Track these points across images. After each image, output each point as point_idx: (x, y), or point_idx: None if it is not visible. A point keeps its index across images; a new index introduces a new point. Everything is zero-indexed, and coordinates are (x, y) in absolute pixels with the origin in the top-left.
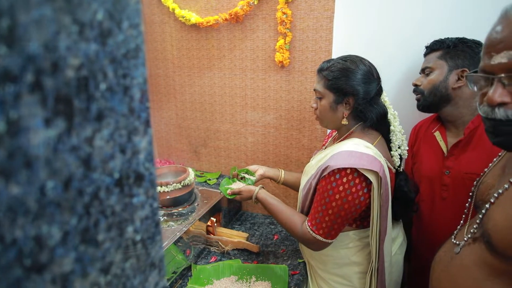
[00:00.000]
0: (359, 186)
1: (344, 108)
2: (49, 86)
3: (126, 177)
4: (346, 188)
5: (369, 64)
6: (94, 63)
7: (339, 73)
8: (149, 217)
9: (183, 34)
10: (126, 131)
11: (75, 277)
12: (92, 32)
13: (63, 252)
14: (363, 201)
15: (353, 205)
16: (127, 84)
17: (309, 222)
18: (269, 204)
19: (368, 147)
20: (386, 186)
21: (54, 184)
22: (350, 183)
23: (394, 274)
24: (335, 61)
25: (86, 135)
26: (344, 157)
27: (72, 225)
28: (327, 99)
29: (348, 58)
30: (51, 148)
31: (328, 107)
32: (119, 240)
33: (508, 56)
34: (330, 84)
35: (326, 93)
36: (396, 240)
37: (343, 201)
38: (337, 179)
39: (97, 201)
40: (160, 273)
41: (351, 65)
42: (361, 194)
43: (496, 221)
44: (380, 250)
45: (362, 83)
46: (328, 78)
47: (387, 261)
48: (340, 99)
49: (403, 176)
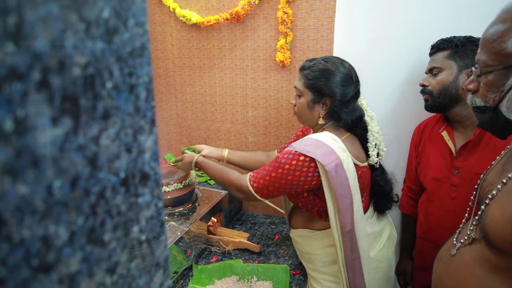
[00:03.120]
0: (304, 173)
1: (321, 108)
2: (56, 85)
3: (132, 176)
4: (292, 168)
5: (349, 67)
6: (100, 61)
7: (319, 74)
8: (154, 217)
9: (183, 33)
10: (132, 130)
11: (82, 277)
12: (98, 30)
13: (70, 252)
14: (309, 181)
15: (296, 179)
16: (133, 83)
17: (252, 173)
18: (208, 165)
19: (335, 140)
20: (340, 180)
21: (61, 183)
22: (297, 168)
23: (384, 268)
24: (317, 61)
25: (93, 134)
26: (304, 143)
27: (79, 225)
28: (305, 98)
29: (329, 60)
30: (58, 147)
31: (306, 105)
32: (124, 240)
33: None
34: (309, 84)
35: (305, 91)
36: (383, 234)
37: (288, 172)
38: (291, 158)
39: (103, 201)
40: (165, 273)
41: (331, 66)
42: (310, 175)
43: (492, 216)
44: (345, 243)
45: (340, 86)
46: (308, 77)
47: (364, 257)
48: (317, 99)
49: (379, 171)
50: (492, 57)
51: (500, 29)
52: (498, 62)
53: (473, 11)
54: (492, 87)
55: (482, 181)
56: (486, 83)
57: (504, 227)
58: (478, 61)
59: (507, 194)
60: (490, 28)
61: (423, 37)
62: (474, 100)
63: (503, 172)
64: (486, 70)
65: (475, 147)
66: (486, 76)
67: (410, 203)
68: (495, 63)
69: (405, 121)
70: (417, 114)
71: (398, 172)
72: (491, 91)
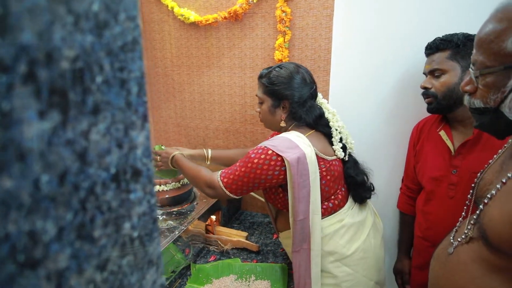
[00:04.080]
0: (272, 167)
1: (282, 111)
2: (43, 78)
3: (123, 172)
4: (261, 163)
5: (303, 70)
6: (90, 55)
7: (275, 79)
8: (146, 213)
9: (182, 32)
10: (123, 125)
11: (71, 273)
12: (88, 23)
13: (58, 248)
14: (277, 175)
15: (265, 173)
16: (124, 77)
17: (223, 170)
18: (183, 163)
19: (299, 137)
20: (300, 171)
21: (49, 178)
22: (265, 161)
23: (370, 259)
24: (273, 68)
25: (82, 129)
26: (271, 140)
27: (68, 221)
28: (266, 104)
29: (283, 66)
30: (45, 141)
31: (268, 111)
32: (115, 237)
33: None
34: (267, 90)
35: (265, 98)
36: (365, 223)
37: (257, 167)
38: (259, 153)
39: (93, 197)
40: (158, 271)
41: (285, 72)
42: (277, 169)
43: (492, 216)
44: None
45: (296, 88)
46: (265, 84)
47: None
48: (277, 103)
49: (350, 164)
50: (491, 58)
51: (497, 28)
52: (498, 63)
53: (472, 10)
54: (492, 88)
55: (479, 180)
56: (485, 84)
57: (504, 227)
58: (475, 62)
59: (507, 194)
60: (485, 28)
61: (422, 36)
62: (472, 101)
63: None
64: (486, 71)
65: (474, 146)
66: (485, 77)
67: (408, 202)
68: (494, 63)
69: (403, 119)
70: (415, 113)
71: (396, 171)
72: (492, 92)
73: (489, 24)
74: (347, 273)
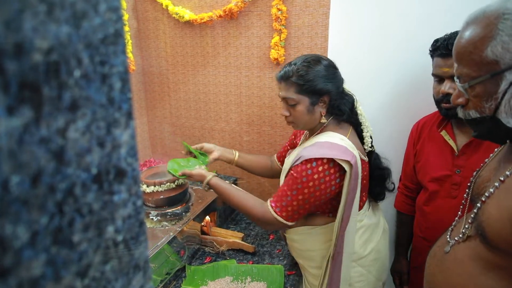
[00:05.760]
0: (333, 176)
1: (321, 107)
2: (12, 70)
3: (106, 172)
4: (321, 177)
5: (326, 57)
6: (66, 47)
7: (310, 75)
8: (132, 216)
9: (177, 31)
10: (105, 123)
11: (46, 281)
12: (63, 13)
13: (31, 254)
14: (334, 191)
15: (323, 194)
16: (105, 72)
17: (272, 203)
18: (221, 188)
19: (343, 139)
20: (356, 176)
21: (20, 179)
22: (325, 172)
23: (383, 259)
24: (299, 65)
25: (58, 126)
26: (318, 147)
27: (42, 225)
28: (302, 104)
29: (309, 59)
30: (15, 139)
31: (306, 111)
32: (98, 241)
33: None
34: (304, 89)
35: (300, 98)
36: (379, 224)
37: (315, 189)
38: (313, 167)
39: (72, 199)
40: (145, 276)
41: (316, 65)
42: (333, 183)
43: (490, 214)
44: (340, 237)
45: (332, 79)
46: (300, 83)
47: (347, 251)
48: (315, 100)
49: (376, 155)
50: (475, 68)
51: (473, 39)
52: (483, 72)
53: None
54: (484, 97)
55: (476, 178)
56: (476, 95)
57: (502, 225)
58: (460, 75)
59: (505, 192)
60: (461, 40)
61: (419, 34)
62: (467, 113)
63: (499, 168)
64: (474, 82)
65: (478, 145)
66: (474, 88)
67: (406, 201)
68: (480, 73)
69: (401, 118)
70: (414, 112)
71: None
72: (485, 100)
73: (463, 36)
74: (361, 273)
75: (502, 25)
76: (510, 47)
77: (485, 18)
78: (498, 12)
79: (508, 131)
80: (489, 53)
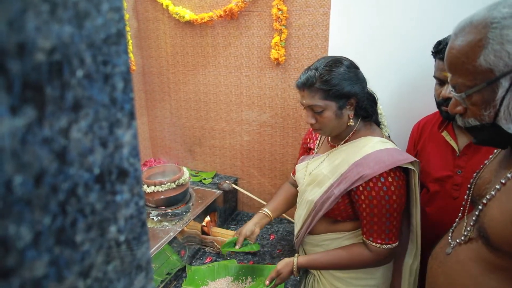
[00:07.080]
0: (400, 177)
1: (348, 110)
2: (15, 70)
3: (108, 173)
4: (396, 185)
5: (345, 58)
6: (69, 47)
7: (336, 80)
8: (134, 216)
9: (177, 31)
10: (107, 123)
11: (49, 281)
12: (66, 13)
13: (34, 254)
14: (404, 198)
15: (404, 201)
16: (107, 72)
17: (378, 240)
18: (316, 262)
19: (386, 142)
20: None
21: (23, 179)
22: (395, 178)
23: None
24: (321, 69)
25: (61, 126)
26: (377, 160)
27: (45, 225)
28: (330, 110)
29: (330, 62)
30: (18, 139)
31: (334, 116)
32: (100, 241)
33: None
34: (331, 94)
35: (328, 103)
36: None
37: (400, 199)
38: (384, 182)
39: (75, 199)
40: (147, 276)
41: (338, 67)
42: (402, 191)
43: (492, 216)
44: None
45: (357, 79)
46: (326, 89)
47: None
48: (343, 103)
49: None
50: (470, 78)
51: (465, 49)
52: (479, 81)
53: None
54: (483, 105)
55: (476, 179)
56: (474, 103)
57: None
58: (455, 85)
59: (507, 194)
60: (452, 51)
61: (420, 34)
62: (466, 121)
63: (500, 170)
64: (470, 92)
65: (480, 146)
66: (471, 97)
67: None
68: (476, 82)
69: (401, 118)
70: (414, 111)
71: None
72: (483, 108)
73: (454, 46)
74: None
75: (492, 34)
76: (502, 55)
77: (473, 27)
78: (485, 21)
79: (509, 136)
80: (482, 62)
